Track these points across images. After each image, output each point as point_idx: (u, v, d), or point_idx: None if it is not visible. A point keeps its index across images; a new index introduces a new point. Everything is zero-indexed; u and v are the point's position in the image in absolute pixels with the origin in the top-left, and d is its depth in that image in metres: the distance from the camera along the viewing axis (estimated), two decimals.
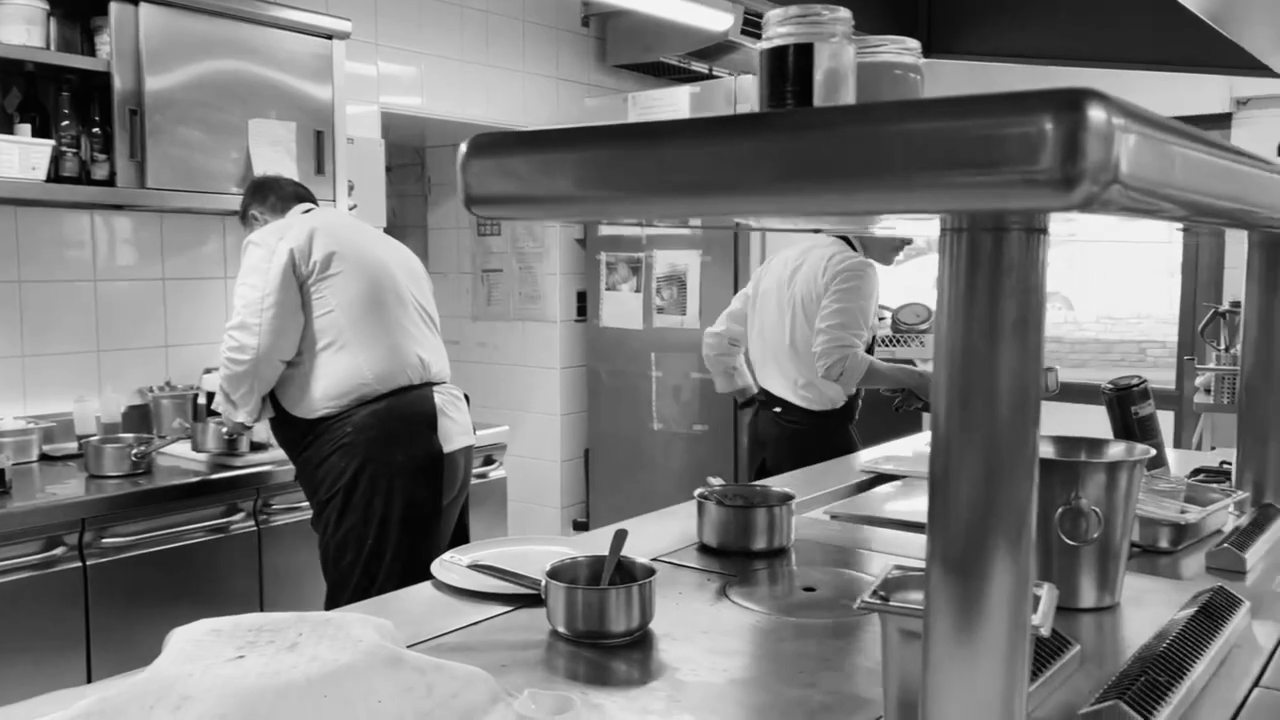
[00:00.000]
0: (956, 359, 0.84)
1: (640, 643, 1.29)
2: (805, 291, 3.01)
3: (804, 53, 0.68)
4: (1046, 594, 1.01)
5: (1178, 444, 4.31)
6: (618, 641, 1.28)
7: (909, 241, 3.20)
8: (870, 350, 3.03)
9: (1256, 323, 1.88)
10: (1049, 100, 0.44)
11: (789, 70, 0.68)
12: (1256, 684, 1.16)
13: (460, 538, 2.59)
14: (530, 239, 4.47)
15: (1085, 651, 1.27)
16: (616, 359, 4.25)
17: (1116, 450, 1.44)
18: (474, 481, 3.29)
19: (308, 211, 2.55)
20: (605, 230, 4.24)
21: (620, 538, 1.40)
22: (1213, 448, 4.13)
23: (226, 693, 0.95)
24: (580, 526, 4.47)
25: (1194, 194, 0.56)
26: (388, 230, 3.27)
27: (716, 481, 1.83)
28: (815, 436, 3.00)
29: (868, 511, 2.02)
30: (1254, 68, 2.77)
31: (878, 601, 0.99)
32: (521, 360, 4.55)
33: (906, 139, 0.47)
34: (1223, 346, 3.86)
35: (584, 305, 4.41)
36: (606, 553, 1.38)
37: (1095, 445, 1.47)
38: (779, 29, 0.70)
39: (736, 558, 1.66)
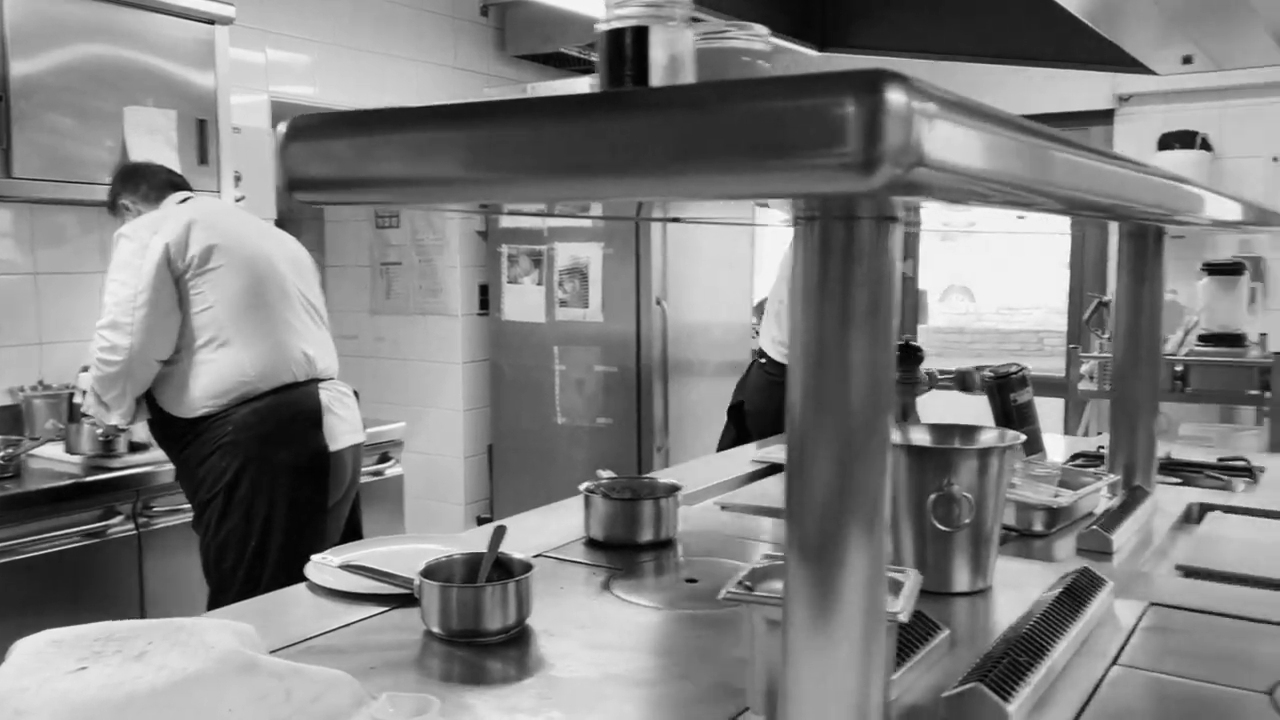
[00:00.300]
0: (810, 347, 0.84)
1: (517, 640, 1.27)
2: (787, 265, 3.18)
3: (640, 35, 0.66)
4: (909, 580, 1.02)
5: (1067, 430, 4.45)
6: (494, 639, 1.26)
7: None
8: None
9: (1126, 311, 1.95)
10: (848, 83, 0.44)
11: (626, 53, 0.66)
12: (1114, 662, 1.19)
13: (352, 536, 2.53)
14: (430, 231, 4.40)
15: (957, 635, 1.29)
16: (519, 353, 4.21)
17: (989, 437, 1.46)
18: (370, 479, 3.23)
19: (184, 201, 2.45)
20: (506, 222, 4.19)
21: (499, 534, 1.38)
22: (1099, 433, 4.28)
23: (62, 707, 0.91)
24: (484, 523, 4.42)
25: (1016, 180, 0.56)
26: (280, 223, 3.18)
27: (606, 474, 1.82)
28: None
29: (758, 501, 2.03)
30: (1134, 65, 2.87)
31: (741, 591, 0.99)
32: (422, 355, 4.47)
33: (707, 122, 0.45)
34: (1106, 335, 3.99)
35: (486, 299, 4.36)
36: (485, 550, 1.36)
37: (969, 432, 1.49)
38: (617, 10, 0.69)
39: (623, 551, 1.65)
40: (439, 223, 4.36)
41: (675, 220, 3.86)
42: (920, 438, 1.50)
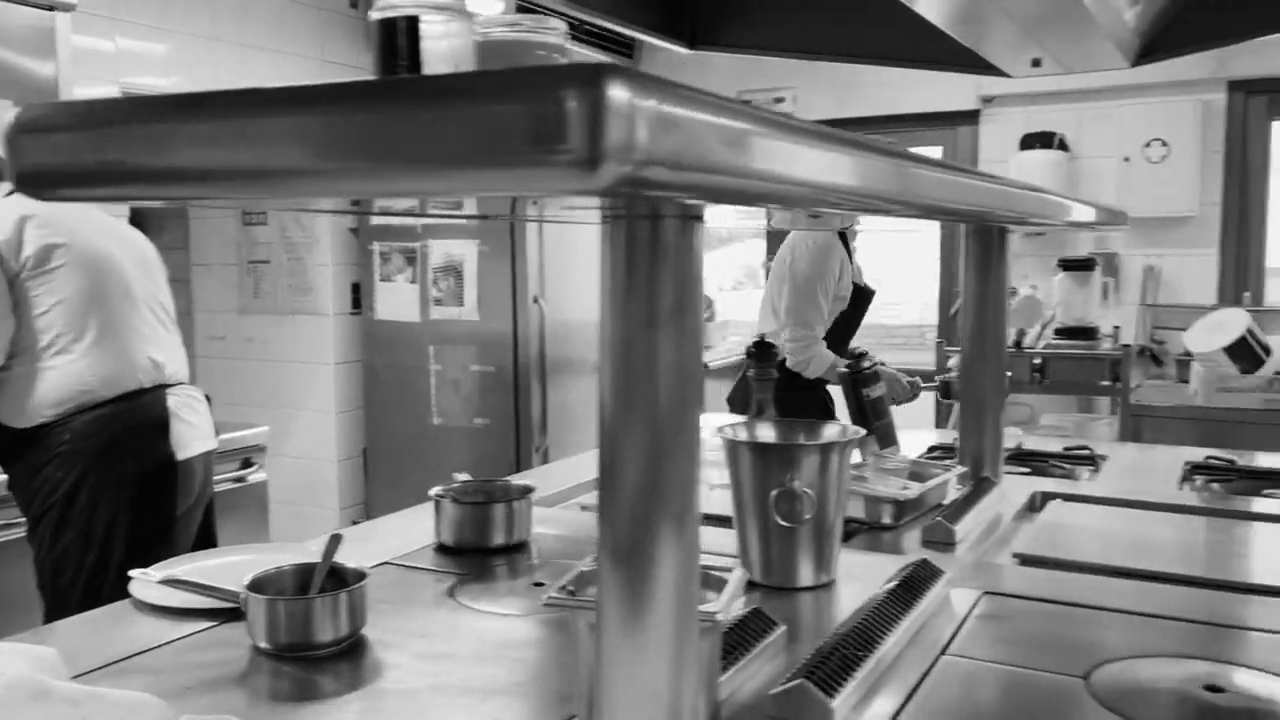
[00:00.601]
0: (618, 346, 0.83)
1: (349, 653, 1.23)
2: (778, 261, 3.25)
3: (412, 25, 0.64)
4: (733, 579, 1.02)
5: (939, 422, 4.58)
6: (324, 653, 1.21)
7: None
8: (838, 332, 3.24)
9: (973, 306, 2.00)
10: (569, 78, 0.42)
11: (397, 44, 0.64)
12: (944, 651, 1.21)
13: (206, 546, 2.43)
14: (299, 228, 4.27)
15: (800, 630, 1.30)
16: (393, 353, 4.12)
17: (831, 432, 1.48)
18: (232, 486, 3.12)
19: (12, 194, 2.30)
20: (377, 220, 4.10)
21: (334, 543, 1.33)
22: None
23: None
24: None
25: (769, 176, 0.55)
26: (135, 219, 3.04)
27: (462, 477, 1.78)
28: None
29: None
30: (989, 68, 2.95)
31: (562, 596, 0.97)
32: (292, 356, 4.34)
33: (431, 118, 0.43)
34: None
35: (358, 297, 4.25)
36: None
37: (813, 428, 1.51)
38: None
39: (475, 556, 1.62)
40: (308, 220, 4.24)
41: (554, 220, 3.82)
42: (765, 434, 1.51)
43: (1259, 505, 1.89)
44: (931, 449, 2.37)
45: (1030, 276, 4.47)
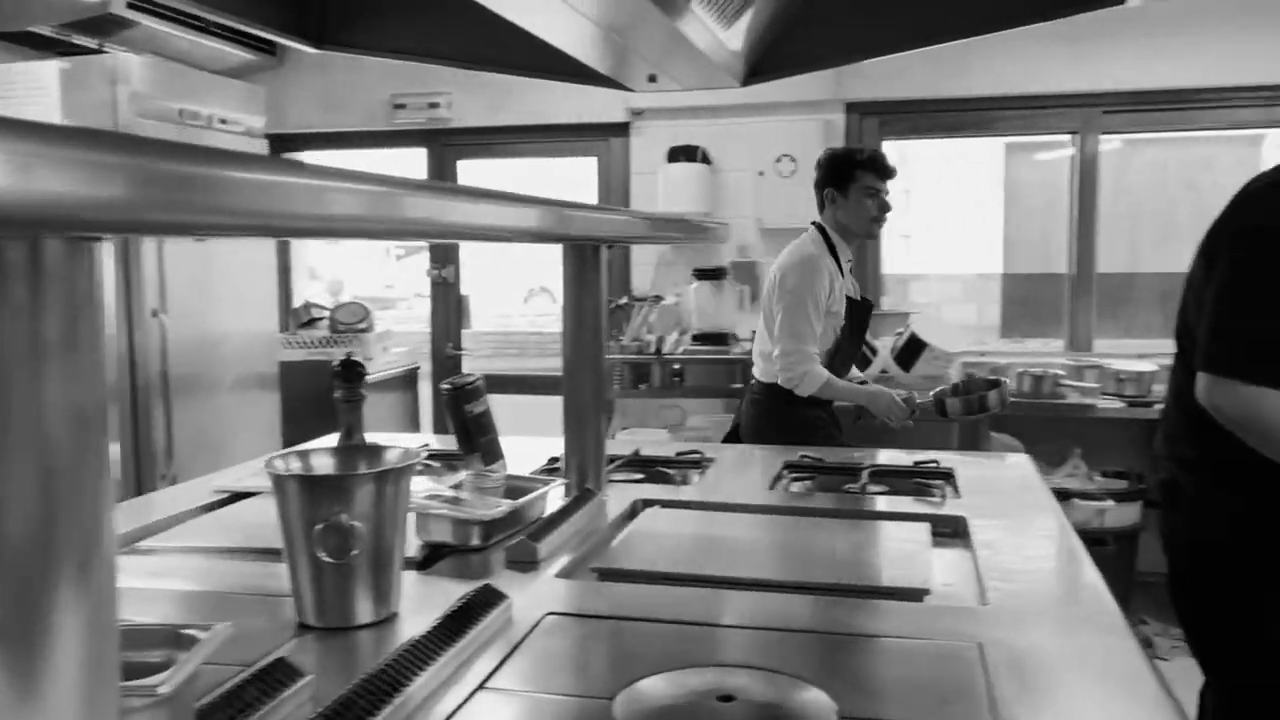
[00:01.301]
0: None
1: None
2: (768, 283, 3.19)
3: None
4: (206, 639, 0.90)
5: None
6: None
7: (887, 208, 3.24)
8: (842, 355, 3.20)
9: (572, 318, 1.99)
10: None
11: None
12: (483, 685, 1.16)
13: None
14: None
15: (357, 672, 1.20)
16: None
17: (391, 457, 1.40)
18: None
19: None
20: None
21: None
22: (624, 428, 4.52)
23: None
24: None
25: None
26: None
27: None
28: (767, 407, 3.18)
29: (195, 539, 1.83)
30: (615, 82, 3.02)
31: None
32: None
33: None
34: (623, 338, 4.21)
35: None
36: None
37: (376, 455, 1.42)
38: None
39: None
40: None
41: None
42: (324, 463, 1.40)
43: (832, 502, 2.01)
44: (554, 459, 2.36)
45: (678, 284, 4.65)
